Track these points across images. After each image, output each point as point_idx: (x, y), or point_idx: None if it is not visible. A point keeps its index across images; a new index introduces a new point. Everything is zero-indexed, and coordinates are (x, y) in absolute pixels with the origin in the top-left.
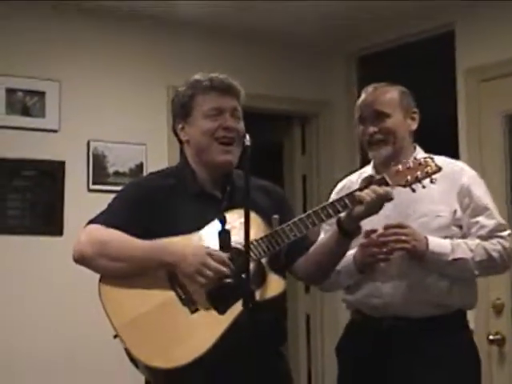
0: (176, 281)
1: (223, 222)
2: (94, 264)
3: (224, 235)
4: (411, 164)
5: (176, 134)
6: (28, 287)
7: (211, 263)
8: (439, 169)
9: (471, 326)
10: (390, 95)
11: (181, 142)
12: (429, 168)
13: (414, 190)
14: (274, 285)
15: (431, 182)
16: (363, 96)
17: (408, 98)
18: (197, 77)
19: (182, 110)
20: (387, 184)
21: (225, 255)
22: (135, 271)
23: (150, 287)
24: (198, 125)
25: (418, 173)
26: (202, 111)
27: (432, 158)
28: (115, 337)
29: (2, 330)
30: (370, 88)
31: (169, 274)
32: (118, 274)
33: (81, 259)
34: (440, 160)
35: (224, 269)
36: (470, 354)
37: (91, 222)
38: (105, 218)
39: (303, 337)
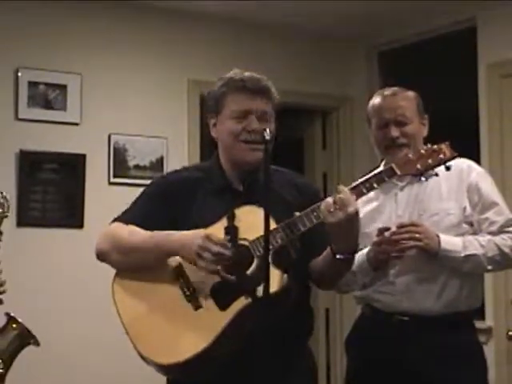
0: (182, 278)
1: (232, 217)
2: (109, 259)
3: (231, 231)
4: (423, 151)
5: (209, 130)
6: (49, 280)
7: (210, 245)
8: (454, 155)
9: (490, 322)
10: (409, 101)
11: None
12: (442, 155)
13: (426, 179)
14: (276, 281)
15: (447, 169)
16: (380, 101)
17: (421, 103)
18: (231, 74)
19: (213, 107)
20: (395, 174)
21: (224, 238)
22: (145, 264)
23: (157, 285)
24: (224, 124)
25: (430, 160)
26: (229, 111)
27: (447, 144)
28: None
29: (24, 321)
30: (387, 92)
31: (175, 271)
32: (130, 268)
33: (99, 255)
34: None
35: (223, 250)
36: (476, 353)
37: (116, 219)
38: (128, 215)
39: (322, 331)
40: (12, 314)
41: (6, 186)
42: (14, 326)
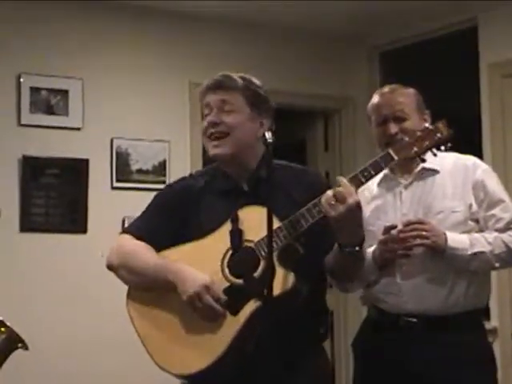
0: None
1: (236, 220)
2: (117, 274)
3: (235, 234)
4: (420, 133)
5: None
6: (52, 285)
7: (204, 297)
8: (451, 133)
9: (495, 322)
10: (408, 97)
11: None
12: (439, 134)
13: (423, 160)
14: (282, 281)
15: (445, 149)
16: (379, 98)
17: (421, 100)
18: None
19: None
20: (392, 159)
21: (221, 293)
22: (148, 285)
23: (168, 296)
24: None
25: (427, 142)
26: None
27: (444, 122)
28: None
29: (27, 327)
30: (385, 90)
31: None
32: (135, 286)
33: (109, 267)
34: (452, 156)
35: (216, 306)
36: (485, 353)
37: (126, 229)
38: (137, 227)
39: None
40: (0, 318)
41: (9, 191)
42: (2, 329)
